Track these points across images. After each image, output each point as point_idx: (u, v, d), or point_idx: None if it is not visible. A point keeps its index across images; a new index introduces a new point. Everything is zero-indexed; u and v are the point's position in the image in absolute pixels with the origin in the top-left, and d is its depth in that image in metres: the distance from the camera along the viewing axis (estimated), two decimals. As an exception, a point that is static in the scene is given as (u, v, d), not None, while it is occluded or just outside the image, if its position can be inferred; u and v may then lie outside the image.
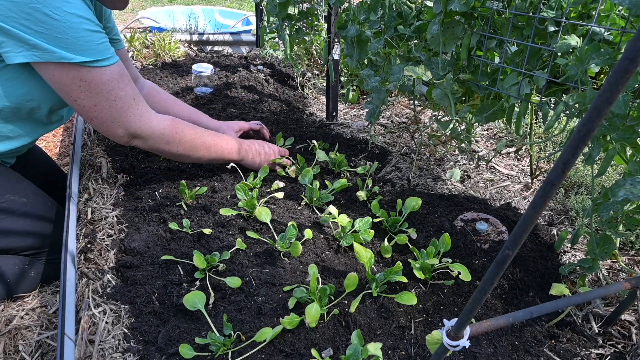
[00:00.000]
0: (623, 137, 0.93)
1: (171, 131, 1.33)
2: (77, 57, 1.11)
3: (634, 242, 1.36)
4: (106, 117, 1.22)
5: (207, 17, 4.50)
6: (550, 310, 0.73)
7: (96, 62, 1.15)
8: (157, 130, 1.30)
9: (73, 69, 1.13)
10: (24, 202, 1.29)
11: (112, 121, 1.23)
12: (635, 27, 0.96)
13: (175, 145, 1.35)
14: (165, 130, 1.32)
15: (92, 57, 1.13)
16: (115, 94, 1.20)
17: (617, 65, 0.34)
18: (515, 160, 1.91)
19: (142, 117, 1.27)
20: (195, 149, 1.40)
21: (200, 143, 1.40)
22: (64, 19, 1.07)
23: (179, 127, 1.36)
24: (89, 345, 0.97)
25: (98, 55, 1.15)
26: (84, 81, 1.15)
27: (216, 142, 1.45)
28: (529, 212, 0.45)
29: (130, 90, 1.24)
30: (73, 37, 1.09)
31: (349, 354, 0.87)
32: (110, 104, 1.21)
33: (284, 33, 2.06)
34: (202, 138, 1.41)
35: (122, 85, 1.22)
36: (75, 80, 1.14)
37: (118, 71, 1.21)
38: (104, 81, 1.17)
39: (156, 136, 1.31)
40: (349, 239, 1.22)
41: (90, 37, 1.12)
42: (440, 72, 1.31)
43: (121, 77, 1.21)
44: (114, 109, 1.22)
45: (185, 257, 1.17)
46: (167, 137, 1.33)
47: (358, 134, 2.03)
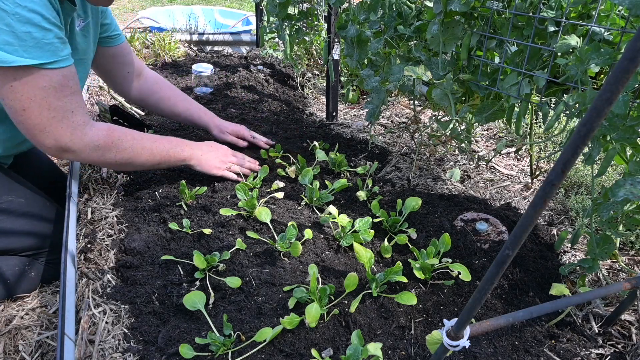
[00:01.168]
0: (623, 137, 0.93)
1: (106, 142, 1.24)
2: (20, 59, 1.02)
3: (634, 242, 1.36)
4: (34, 125, 1.12)
5: (207, 17, 4.50)
6: (550, 310, 0.73)
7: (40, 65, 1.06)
8: (90, 143, 1.21)
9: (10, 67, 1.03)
10: (22, 203, 1.29)
11: (40, 130, 1.13)
12: (635, 27, 0.96)
13: (112, 154, 1.26)
14: (99, 142, 1.23)
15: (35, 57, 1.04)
16: (49, 103, 1.10)
17: (617, 65, 0.34)
18: (515, 160, 1.91)
19: (75, 131, 1.17)
20: (137, 154, 1.31)
21: (140, 147, 1.32)
22: (14, 10, 0.99)
23: (115, 135, 1.27)
24: (89, 345, 0.97)
25: (43, 57, 1.05)
26: (17, 80, 1.05)
27: (158, 144, 1.37)
28: (529, 212, 0.45)
29: (69, 101, 1.14)
30: (19, 32, 1.00)
31: (349, 354, 0.87)
32: (41, 111, 1.10)
33: (284, 33, 2.06)
34: (142, 142, 1.33)
35: (61, 95, 1.12)
36: (8, 78, 1.04)
37: (60, 79, 1.11)
38: (40, 86, 1.08)
39: (89, 149, 1.21)
40: (349, 239, 1.22)
41: (39, 35, 1.03)
42: (440, 72, 1.31)
43: (62, 86, 1.11)
44: (44, 118, 1.11)
45: (185, 257, 1.17)
46: (101, 148, 1.23)
47: (358, 134, 2.03)
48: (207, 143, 1.53)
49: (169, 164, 1.42)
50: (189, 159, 1.44)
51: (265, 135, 1.92)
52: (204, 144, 1.51)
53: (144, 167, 1.39)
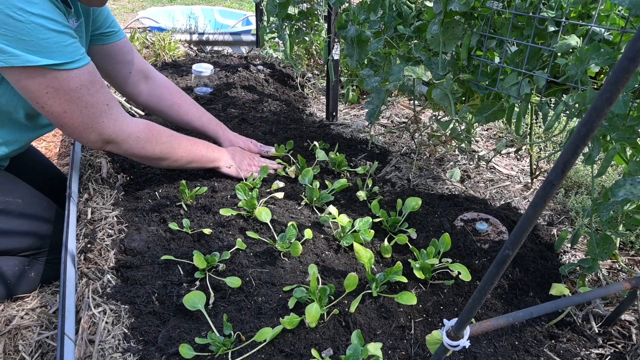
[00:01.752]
0: (623, 137, 0.93)
1: (147, 134, 1.30)
2: (43, 60, 1.05)
3: (634, 242, 1.36)
4: (77, 124, 1.17)
5: (207, 17, 4.50)
6: (550, 310, 0.73)
7: (64, 65, 1.08)
8: (133, 134, 1.27)
9: (39, 74, 1.07)
10: (20, 203, 1.29)
11: (84, 128, 1.18)
12: (635, 27, 0.96)
13: (152, 147, 1.32)
14: (140, 133, 1.29)
15: (59, 59, 1.07)
16: (86, 101, 1.15)
17: (617, 65, 0.34)
18: (515, 160, 1.91)
19: (117, 122, 1.23)
20: (174, 150, 1.38)
21: (177, 144, 1.38)
22: (27, 20, 1.01)
23: (155, 130, 1.33)
24: (89, 345, 0.97)
25: (66, 58, 1.09)
26: (51, 87, 1.09)
27: (193, 145, 1.44)
28: (529, 212, 0.45)
29: (102, 95, 1.19)
30: (38, 39, 1.03)
31: (349, 354, 0.87)
32: (81, 110, 1.15)
33: (284, 33, 2.06)
34: (179, 139, 1.40)
35: (93, 91, 1.16)
36: (42, 86, 1.09)
37: (88, 77, 1.15)
38: (72, 88, 1.12)
39: (132, 140, 1.27)
40: (349, 239, 1.22)
41: (57, 39, 1.06)
42: (440, 72, 1.31)
43: (92, 82, 1.16)
44: (85, 116, 1.16)
45: (185, 257, 1.17)
46: (142, 140, 1.29)
47: (358, 134, 2.03)
48: (233, 148, 1.60)
49: (201, 163, 1.47)
50: (217, 161, 1.51)
51: (265, 135, 1.92)
52: (230, 149, 1.59)
53: (178, 164, 1.43)
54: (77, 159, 1.61)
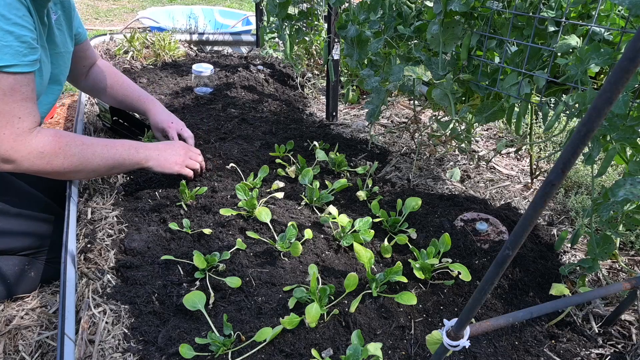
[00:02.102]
0: (623, 137, 0.93)
1: (53, 147, 1.17)
2: None
3: (634, 242, 1.36)
4: None
5: (207, 17, 4.50)
6: (550, 310, 0.73)
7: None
8: (34, 150, 1.14)
9: None
10: (18, 203, 1.29)
11: None
12: (635, 27, 0.96)
13: (60, 161, 1.19)
14: (45, 147, 1.16)
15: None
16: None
17: (617, 65, 0.34)
18: (515, 160, 1.91)
19: (18, 137, 1.11)
20: (87, 160, 1.25)
21: (90, 153, 1.25)
22: None
23: (63, 141, 1.20)
24: (89, 345, 0.97)
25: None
26: None
27: (110, 149, 1.30)
28: (529, 212, 0.45)
29: (17, 107, 1.09)
30: None
31: (349, 354, 0.87)
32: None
33: (284, 33, 2.06)
34: (92, 147, 1.26)
35: (10, 100, 1.07)
36: None
37: (11, 83, 1.06)
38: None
39: (33, 157, 1.14)
40: (349, 239, 1.22)
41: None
42: (440, 72, 1.31)
43: (12, 91, 1.07)
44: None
45: (185, 257, 1.17)
46: (47, 155, 1.16)
47: (358, 134, 2.03)
48: (164, 143, 1.49)
49: (125, 167, 1.35)
50: (145, 161, 1.38)
51: (265, 135, 1.92)
52: (160, 143, 1.47)
53: (98, 174, 1.35)
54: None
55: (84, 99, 2.13)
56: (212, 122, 2.00)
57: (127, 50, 2.81)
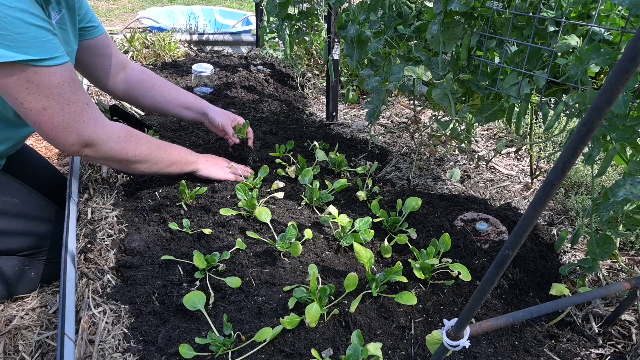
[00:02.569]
0: (623, 137, 0.93)
1: (126, 135, 1.26)
2: (21, 55, 1.01)
3: (634, 242, 1.36)
4: (57, 123, 1.12)
5: (207, 17, 4.50)
6: (550, 310, 0.73)
7: (43, 62, 1.04)
8: (113, 134, 1.23)
9: (18, 69, 1.02)
10: (17, 203, 1.29)
11: (64, 127, 1.13)
12: (635, 27, 0.96)
13: (132, 148, 1.27)
14: (120, 134, 1.25)
15: (38, 55, 1.03)
16: (68, 98, 1.11)
17: (617, 65, 0.34)
18: (515, 160, 1.91)
19: (97, 122, 1.19)
20: (154, 152, 1.34)
21: (156, 146, 1.35)
22: (4, 13, 0.97)
23: (133, 132, 1.30)
24: (89, 345, 0.97)
25: (45, 54, 1.04)
26: (31, 82, 1.05)
27: (171, 147, 1.40)
28: (529, 212, 0.45)
29: (82, 94, 1.16)
30: (15, 33, 0.99)
31: (349, 354, 0.87)
32: (62, 107, 1.11)
33: (284, 33, 2.06)
34: (157, 142, 1.36)
35: (74, 88, 1.13)
36: (22, 82, 1.04)
37: (69, 74, 1.11)
38: (54, 84, 1.08)
39: (112, 141, 1.22)
40: (349, 239, 1.22)
41: (35, 34, 1.02)
42: (440, 72, 1.31)
43: (72, 80, 1.12)
44: (67, 113, 1.12)
45: (185, 257, 1.17)
46: (123, 140, 1.25)
47: (358, 134, 2.03)
48: (209, 155, 1.57)
49: (179, 167, 1.43)
50: (196, 164, 1.48)
51: (265, 135, 1.92)
52: (206, 155, 1.56)
53: (156, 167, 1.38)
54: (77, 159, 1.61)
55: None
56: (212, 122, 1.99)
57: (127, 50, 2.81)
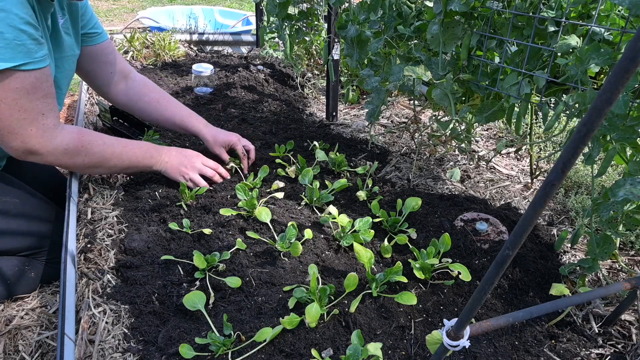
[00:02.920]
0: (623, 137, 0.93)
1: (76, 146, 1.24)
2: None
3: (634, 242, 1.36)
4: (3, 125, 1.10)
5: (207, 17, 4.50)
6: (550, 310, 0.73)
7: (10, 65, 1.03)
8: (59, 146, 1.21)
9: None
10: (17, 203, 1.29)
11: (9, 131, 1.12)
12: (635, 27, 0.96)
13: (81, 158, 1.27)
14: (69, 145, 1.23)
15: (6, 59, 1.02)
16: (21, 105, 1.09)
17: (617, 65, 0.34)
18: (515, 160, 1.91)
19: (45, 134, 1.17)
20: (106, 159, 1.32)
21: (110, 152, 1.32)
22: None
23: (85, 140, 1.27)
24: (89, 345, 0.97)
25: (15, 59, 1.03)
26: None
27: (128, 150, 1.37)
28: (529, 212, 0.45)
29: (40, 103, 1.13)
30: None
31: (349, 354, 0.87)
32: (12, 113, 1.09)
33: (284, 33, 2.06)
34: (112, 147, 1.33)
35: (33, 97, 1.11)
36: None
37: (32, 81, 1.09)
38: (12, 88, 1.06)
39: (58, 152, 1.21)
40: (349, 239, 1.22)
41: (11, 35, 1.01)
42: (440, 72, 1.31)
43: (34, 89, 1.10)
44: (15, 119, 1.10)
45: (185, 257, 1.17)
46: (70, 152, 1.24)
47: (358, 134, 2.03)
48: (177, 149, 1.50)
49: (138, 169, 1.42)
50: (156, 165, 1.43)
51: (265, 135, 1.92)
52: (173, 149, 1.48)
53: (112, 171, 1.40)
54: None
55: (83, 99, 2.13)
56: (212, 122, 1.99)
57: (127, 50, 2.81)
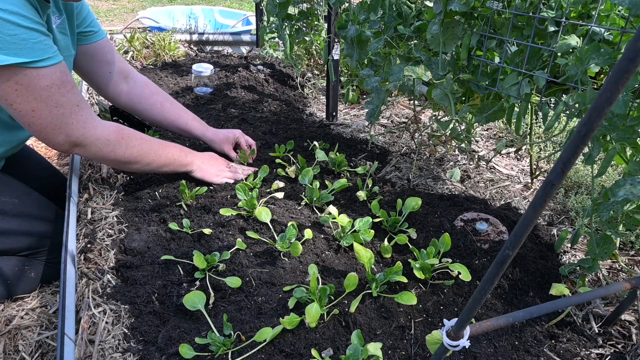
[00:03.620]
0: (623, 137, 0.93)
1: (117, 137, 1.27)
2: (11, 58, 1.02)
3: (634, 242, 1.36)
4: (45, 124, 1.14)
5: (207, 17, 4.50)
6: (550, 310, 0.73)
7: (33, 63, 1.06)
8: (102, 136, 1.23)
9: (7, 71, 1.03)
10: (16, 203, 1.29)
11: (53, 128, 1.15)
12: (635, 27, 0.96)
13: (122, 150, 1.28)
14: (110, 136, 1.25)
15: (28, 57, 1.04)
16: (56, 100, 1.12)
17: (617, 65, 0.34)
18: (515, 160, 1.91)
19: (86, 124, 1.20)
20: (145, 153, 1.34)
21: (147, 147, 1.34)
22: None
23: (125, 133, 1.30)
24: (89, 345, 0.97)
25: (35, 56, 1.05)
26: (20, 85, 1.06)
27: (164, 147, 1.40)
28: (529, 212, 0.45)
29: (72, 96, 1.16)
30: (5, 35, 1.00)
31: (349, 354, 0.87)
32: (51, 109, 1.12)
33: (284, 33, 2.06)
34: (150, 143, 1.36)
35: (64, 90, 1.14)
36: (11, 84, 1.05)
37: (59, 76, 1.12)
38: (43, 86, 1.09)
39: (100, 143, 1.23)
40: (349, 239, 1.22)
41: (25, 35, 1.03)
42: (440, 72, 1.31)
43: (63, 83, 1.13)
44: (55, 116, 1.13)
45: (185, 257, 1.17)
46: (112, 142, 1.26)
47: (358, 134, 2.03)
48: (208, 154, 1.55)
49: (172, 167, 1.43)
50: (190, 165, 1.47)
51: (265, 135, 1.92)
52: (204, 154, 1.54)
53: (148, 168, 1.38)
54: (77, 159, 1.61)
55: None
56: (212, 122, 2.00)
57: (127, 50, 2.81)
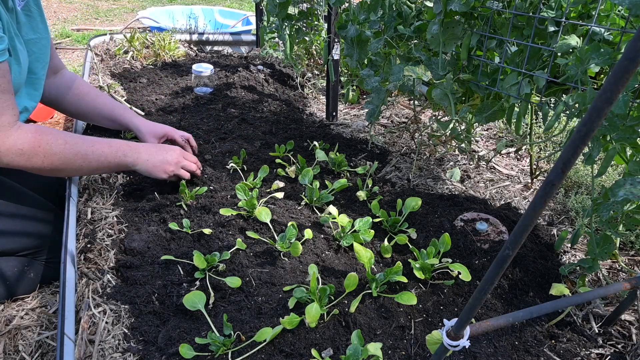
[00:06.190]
0: (623, 137, 0.93)
1: (32, 146, 1.15)
2: None
3: (634, 242, 1.36)
4: None
5: (207, 17, 4.50)
6: (550, 310, 0.73)
7: None
8: (13, 147, 1.12)
9: None
10: (15, 204, 1.29)
11: None
12: (635, 27, 0.96)
13: (39, 160, 1.17)
14: (24, 145, 1.13)
15: None
16: None
17: (617, 65, 0.34)
18: (515, 160, 1.91)
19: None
20: (69, 161, 1.22)
21: (72, 153, 1.22)
22: None
23: (44, 139, 1.17)
24: (89, 345, 0.97)
25: None
26: None
27: (95, 149, 1.26)
28: (529, 212, 0.45)
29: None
30: None
31: (349, 354, 0.87)
32: None
33: (284, 33, 2.06)
34: (76, 147, 1.22)
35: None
36: None
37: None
38: None
39: (12, 154, 1.12)
40: (349, 239, 1.22)
41: None
42: (440, 72, 1.31)
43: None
44: None
45: (185, 257, 1.17)
46: (26, 153, 1.14)
47: (358, 134, 2.03)
48: (155, 145, 1.42)
49: (110, 169, 1.33)
50: (133, 165, 1.34)
51: (265, 135, 1.92)
52: (152, 145, 1.41)
53: (81, 174, 1.31)
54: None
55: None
56: (212, 122, 2.00)
57: (127, 50, 2.81)
